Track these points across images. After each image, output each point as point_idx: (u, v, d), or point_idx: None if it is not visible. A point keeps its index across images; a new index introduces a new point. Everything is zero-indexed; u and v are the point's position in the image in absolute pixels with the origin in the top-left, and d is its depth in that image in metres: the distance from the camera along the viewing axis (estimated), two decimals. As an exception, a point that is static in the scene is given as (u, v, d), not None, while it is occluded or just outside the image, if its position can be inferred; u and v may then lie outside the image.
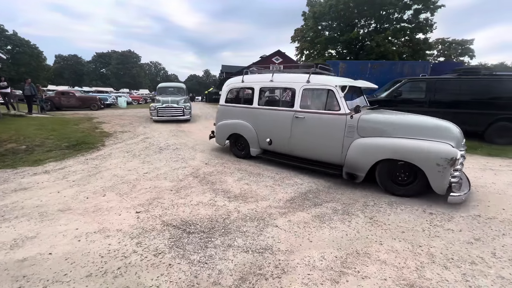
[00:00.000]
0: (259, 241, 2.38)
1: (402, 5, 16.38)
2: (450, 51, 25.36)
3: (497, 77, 7.18)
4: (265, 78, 4.80)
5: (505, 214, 2.97)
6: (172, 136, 7.63)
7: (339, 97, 3.75)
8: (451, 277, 1.95)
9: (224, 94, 5.48)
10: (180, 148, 6.12)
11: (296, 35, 22.41)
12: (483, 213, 2.98)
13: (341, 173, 3.76)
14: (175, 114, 10.58)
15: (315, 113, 4.04)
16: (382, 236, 2.50)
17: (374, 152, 3.42)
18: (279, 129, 4.45)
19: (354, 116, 3.63)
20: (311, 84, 4.10)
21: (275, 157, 4.64)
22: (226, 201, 3.22)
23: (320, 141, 3.97)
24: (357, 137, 3.62)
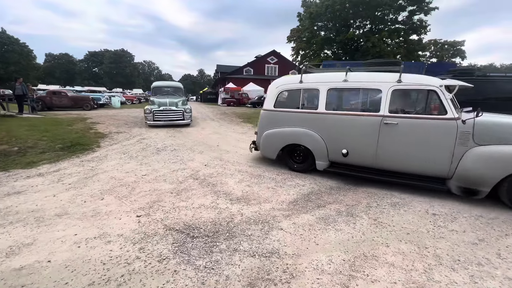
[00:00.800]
0: (265, 244, 2.34)
1: (397, 6, 16.61)
2: (443, 52, 25.83)
3: (491, 78, 7.31)
4: (336, 78, 4.03)
5: (506, 214, 3.00)
6: (169, 137, 7.53)
7: (445, 99, 3.27)
8: (459, 279, 1.95)
9: (273, 97, 4.59)
10: (178, 149, 6.03)
11: (292, 35, 22.47)
12: (485, 213, 3.01)
13: (445, 186, 3.31)
14: (174, 118, 9.30)
15: (414, 118, 3.47)
16: (388, 238, 2.49)
17: (505, 164, 2.94)
18: (360, 138, 3.77)
19: (468, 121, 3.18)
20: (404, 84, 3.53)
21: (351, 171, 3.92)
22: (229, 204, 3.17)
23: (419, 151, 3.40)
24: (473, 145, 3.14)
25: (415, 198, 3.42)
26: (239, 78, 33.34)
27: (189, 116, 9.63)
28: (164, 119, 9.15)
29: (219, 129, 9.54)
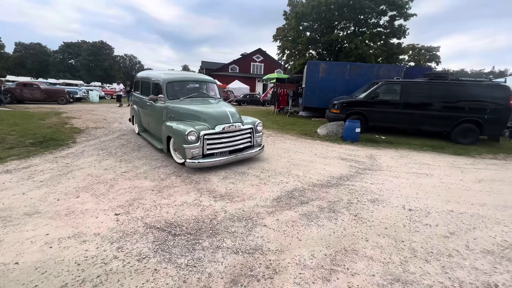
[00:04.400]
0: (249, 241, 2.33)
1: (379, 10, 17.16)
2: (420, 57, 27.12)
3: (462, 82, 7.80)
4: None
5: (474, 208, 3.21)
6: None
7: None
8: (432, 270, 2.05)
9: None
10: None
11: (278, 34, 22.53)
12: (455, 208, 3.20)
13: None
14: (241, 147, 4.54)
15: None
16: (367, 232, 2.58)
17: None
18: None
19: None
20: None
21: None
22: (212, 201, 3.13)
23: None
24: None
25: (393, 194, 3.56)
26: (225, 76, 33.03)
27: (260, 139, 4.93)
28: (224, 150, 4.29)
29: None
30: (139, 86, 6.40)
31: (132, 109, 7.02)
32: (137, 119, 6.52)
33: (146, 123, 6.05)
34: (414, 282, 1.91)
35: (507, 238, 2.57)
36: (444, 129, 7.77)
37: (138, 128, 6.49)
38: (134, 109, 6.76)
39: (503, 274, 2.04)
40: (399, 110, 7.93)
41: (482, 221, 2.90)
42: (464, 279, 1.97)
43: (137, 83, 6.69)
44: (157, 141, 5.31)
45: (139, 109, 6.34)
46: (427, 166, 5.09)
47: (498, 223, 2.86)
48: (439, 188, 3.88)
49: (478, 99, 7.44)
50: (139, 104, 6.28)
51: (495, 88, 7.45)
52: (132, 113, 6.98)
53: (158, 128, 5.01)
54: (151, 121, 5.59)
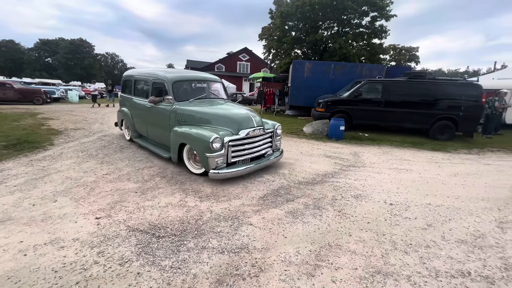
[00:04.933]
0: (234, 240, 2.33)
1: (361, 11, 17.60)
2: (400, 57, 28.09)
3: (439, 81, 8.17)
4: None
5: (449, 201, 3.38)
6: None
7: None
8: (411, 261, 2.14)
9: None
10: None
11: (264, 33, 22.55)
12: (432, 201, 3.35)
13: None
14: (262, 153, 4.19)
15: None
16: (351, 227, 2.65)
17: None
18: None
19: None
20: None
21: None
22: (198, 201, 3.09)
23: None
24: None
25: (375, 189, 3.68)
26: (211, 75, 32.64)
27: (279, 143, 4.64)
28: (247, 157, 3.93)
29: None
30: (131, 86, 5.61)
31: (120, 112, 6.08)
32: (129, 124, 5.67)
33: (142, 128, 5.31)
34: (394, 274, 1.98)
35: (479, 228, 2.73)
36: (423, 126, 8.10)
37: (131, 133, 5.69)
38: (123, 113, 5.85)
39: (475, 262, 2.16)
40: (381, 108, 8.19)
41: (457, 213, 3.06)
42: (440, 268, 2.07)
43: (126, 83, 5.89)
44: (161, 149, 4.71)
45: (132, 113, 5.55)
46: (408, 162, 5.30)
47: (471, 214, 3.03)
48: (418, 182, 4.05)
49: (453, 97, 7.82)
50: (131, 106, 5.55)
51: (468, 87, 7.85)
52: (121, 116, 6.03)
53: (163, 134, 4.48)
54: (152, 127, 4.93)
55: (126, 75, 5.97)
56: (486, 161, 5.63)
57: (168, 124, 4.29)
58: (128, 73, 5.97)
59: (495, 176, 4.55)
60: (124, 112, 5.85)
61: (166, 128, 4.35)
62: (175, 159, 4.17)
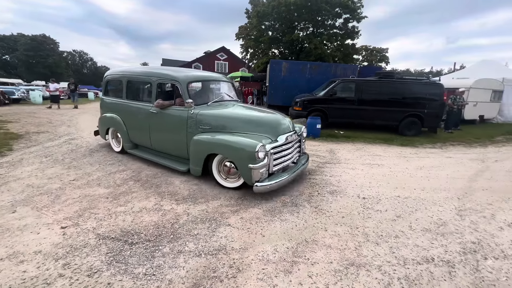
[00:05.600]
0: (212, 242, 2.29)
1: (334, 13, 18.27)
2: (372, 57, 29.50)
3: (406, 80, 8.71)
4: None
5: (416, 193, 3.62)
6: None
7: None
8: (381, 252, 2.26)
9: None
10: (116, 149, 5.43)
11: (241, 32, 22.52)
12: (401, 193, 3.56)
13: None
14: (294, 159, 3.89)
15: None
16: (327, 222, 2.73)
17: None
18: None
19: None
20: None
21: None
22: (174, 204, 3.01)
23: None
24: None
25: (349, 185, 3.83)
26: (188, 74, 31.88)
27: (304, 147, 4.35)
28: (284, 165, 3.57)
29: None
30: (120, 88, 4.73)
31: (104, 119, 5.08)
32: (121, 133, 4.78)
33: (142, 137, 4.44)
34: (366, 264, 2.08)
35: (441, 216, 2.95)
36: (393, 123, 8.59)
37: (124, 144, 4.79)
38: (110, 120, 4.90)
39: (438, 248, 2.33)
40: (355, 106, 8.54)
41: (422, 203, 3.28)
42: (407, 256, 2.21)
43: (112, 84, 5.11)
44: (173, 161, 4.07)
45: (125, 120, 4.66)
46: (379, 157, 5.58)
47: (435, 204, 3.27)
48: (389, 176, 4.29)
49: (419, 95, 8.37)
50: (124, 112, 4.69)
51: (432, 86, 8.45)
52: (107, 124, 5.05)
53: (176, 144, 3.91)
54: (159, 135, 4.18)
55: (113, 74, 5.07)
56: (448, 154, 6.10)
57: (185, 131, 3.72)
58: (114, 73, 5.08)
59: (455, 167, 4.94)
60: (112, 119, 4.86)
61: (181, 136, 3.78)
62: (197, 172, 3.63)
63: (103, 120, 5.14)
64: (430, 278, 1.95)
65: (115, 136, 5.16)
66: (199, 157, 3.56)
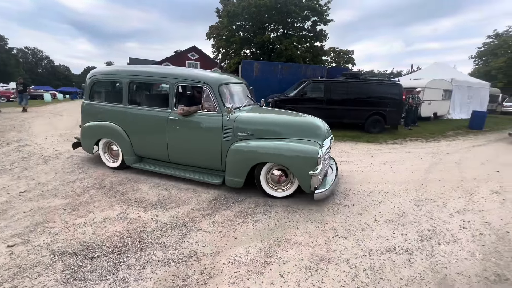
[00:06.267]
0: (182, 249, 2.21)
1: (303, 15, 18.82)
2: (339, 59, 30.96)
3: (370, 81, 9.27)
4: None
5: (380, 186, 3.86)
6: (65, 141, 6.17)
7: None
8: (349, 245, 2.36)
9: None
10: (76, 155, 5.01)
11: (212, 32, 22.18)
12: (367, 188, 3.77)
13: None
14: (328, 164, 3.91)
15: None
16: (298, 220, 2.79)
17: None
18: None
19: None
20: None
21: None
22: (141, 212, 2.85)
23: None
24: None
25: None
26: (157, 74, 30.60)
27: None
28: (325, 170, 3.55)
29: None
30: (122, 91, 3.94)
31: (90, 128, 4.19)
32: (121, 145, 4.00)
33: (155, 148, 3.86)
34: (335, 259, 2.16)
35: (402, 207, 3.18)
36: (360, 121, 9.09)
37: (125, 157, 4.02)
38: (104, 129, 4.07)
39: (399, 238, 2.50)
40: (324, 106, 8.88)
41: (385, 196, 3.50)
42: (372, 247, 2.34)
43: (102, 86, 4.41)
44: (203, 174, 3.63)
45: (127, 129, 3.93)
46: (347, 154, 5.86)
47: (396, 196, 3.51)
48: (355, 172, 4.52)
49: (381, 95, 8.96)
50: (125, 120, 3.93)
51: (392, 86, 9.10)
52: (98, 134, 4.18)
53: (208, 154, 3.50)
54: (182, 145, 3.64)
55: (104, 74, 4.25)
56: (407, 149, 6.62)
57: (220, 140, 3.37)
58: (106, 72, 4.31)
59: (413, 161, 5.38)
60: (105, 129, 4.06)
61: (214, 146, 3.41)
62: (238, 184, 3.33)
63: (91, 129, 4.20)
64: (392, 267, 2.08)
65: (108, 149, 4.30)
66: (243, 168, 3.25)
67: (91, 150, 4.40)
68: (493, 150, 6.94)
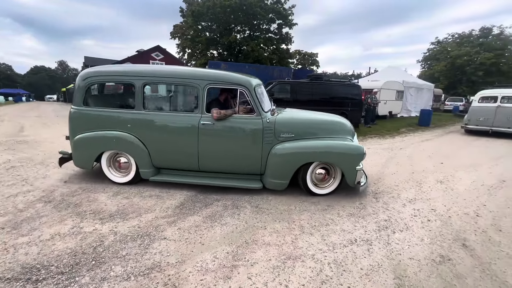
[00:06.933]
0: (144, 261, 2.08)
1: (268, 18, 19.23)
2: (304, 61, 32.26)
3: (332, 82, 9.81)
4: None
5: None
6: (4, 150, 5.43)
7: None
8: (315, 241, 2.44)
9: None
10: (20, 165, 4.44)
11: (176, 31, 21.46)
12: (331, 184, 3.94)
13: None
14: None
15: None
16: (266, 220, 2.80)
17: None
18: None
19: None
20: None
21: None
22: (98, 224, 2.62)
23: None
24: None
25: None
26: (118, 74, 28.61)
27: None
28: None
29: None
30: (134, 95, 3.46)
31: (90, 140, 3.53)
32: (138, 156, 3.52)
33: (184, 157, 3.54)
34: (302, 255, 2.21)
35: (362, 201, 3.39)
36: (324, 121, 9.53)
37: (142, 170, 3.56)
38: (111, 140, 3.50)
39: (359, 230, 2.66)
40: (290, 106, 9.13)
41: (346, 191, 3.70)
42: (336, 241, 2.45)
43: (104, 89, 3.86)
44: (241, 180, 3.52)
45: (145, 137, 3.49)
46: (313, 152, 6.08)
47: (352, 189, 3.73)
48: (321, 169, 4.71)
49: (343, 95, 9.52)
50: (144, 127, 3.48)
51: (352, 87, 9.74)
52: (102, 147, 3.56)
53: (247, 159, 3.43)
54: (217, 152, 3.45)
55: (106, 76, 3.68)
56: (367, 146, 7.10)
57: (261, 143, 3.34)
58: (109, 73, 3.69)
59: (372, 157, 5.79)
60: (112, 140, 3.49)
61: (254, 149, 3.35)
62: (282, 186, 3.37)
63: (90, 141, 3.53)
64: (353, 258, 2.20)
65: (113, 162, 3.72)
66: (290, 169, 3.31)
67: (89, 165, 3.70)
68: (438, 143, 7.81)
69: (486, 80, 27.47)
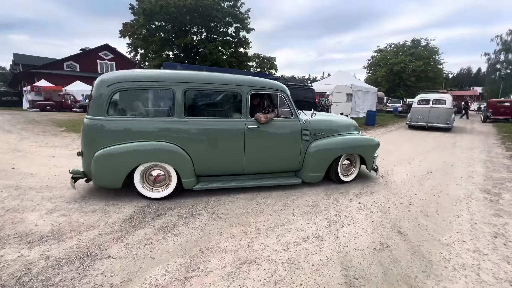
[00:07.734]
0: (82, 286, 1.85)
1: (226, 21, 19.19)
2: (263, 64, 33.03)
3: (290, 85, 10.23)
4: None
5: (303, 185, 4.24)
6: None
7: None
8: (270, 242, 2.49)
9: None
10: None
11: (126, 30, 19.94)
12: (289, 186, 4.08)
13: None
14: None
15: None
16: (222, 226, 2.76)
17: None
18: None
19: None
20: None
21: None
22: (25, 250, 2.26)
23: None
24: None
25: (245, 184, 4.05)
26: (58, 75, 25.46)
27: None
28: None
29: (19, 145, 6.75)
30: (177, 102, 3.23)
31: (118, 155, 3.12)
32: (179, 167, 3.30)
33: (230, 162, 3.57)
34: (257, 258, 2.23)
35: (315, 199, 3.58)
36: (282, 123, 9.89)
37: (184, 180, 3.34)
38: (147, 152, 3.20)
39: (312, 227, 2.80)
40: (250, 109, 9.26)
41: (301, 190, 3.88)
42: (290, 240, 2.53)
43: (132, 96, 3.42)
44: (281, 178, 3.95)
45: (188, 146, 3.30)
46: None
47: (311, 189, 3.93)
48: (278, 171, 4.84)
49: (300, 98, 9.98)
50: (188, 136, 3.31)
51: (307, 90, 10.30)
52: (136, 161, 3.20)
53: (289, 157, 3.86)
54: (262, 154, 3.69)
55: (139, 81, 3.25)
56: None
57: (300, 142, 3.82)
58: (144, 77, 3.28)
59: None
60: (154, 150, 3.20)
61: (295, 148, 3.83)
62: (319, 178, 3.97)
63: (122, 155, 3.13)
64: (306, 255, 2.30)
65: (147, 177, 3.35)
66: (326, 162, 3.94)
67: (119, 183, 3.22)
68: (383, 141, 8.70)
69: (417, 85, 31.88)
